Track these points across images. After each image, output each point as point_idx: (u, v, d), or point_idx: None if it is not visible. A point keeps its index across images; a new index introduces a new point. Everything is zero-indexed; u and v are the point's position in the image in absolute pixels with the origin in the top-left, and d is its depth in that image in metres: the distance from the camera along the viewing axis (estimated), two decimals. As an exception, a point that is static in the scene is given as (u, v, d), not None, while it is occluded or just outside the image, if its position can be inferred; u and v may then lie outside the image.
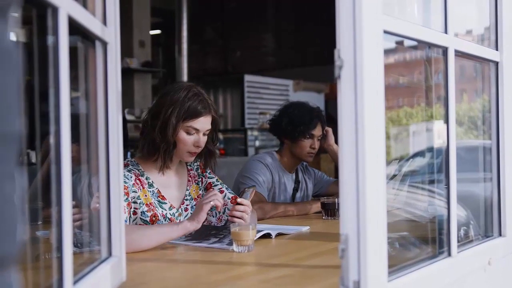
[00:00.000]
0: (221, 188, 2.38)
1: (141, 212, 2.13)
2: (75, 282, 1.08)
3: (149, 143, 2.18)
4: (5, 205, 0.57)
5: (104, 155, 1.36)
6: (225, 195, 2.34)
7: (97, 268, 1.26)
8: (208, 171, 2.42)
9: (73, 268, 1.04)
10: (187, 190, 2.32)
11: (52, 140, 1.01)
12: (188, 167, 2.39)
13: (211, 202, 1.99)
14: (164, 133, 2.14)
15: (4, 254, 0.57)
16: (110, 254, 1.37)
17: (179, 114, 2.14)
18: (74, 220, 1.51)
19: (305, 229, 2.34)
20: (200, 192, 2.36)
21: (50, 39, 1.02)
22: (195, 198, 2.33)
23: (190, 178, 2.36)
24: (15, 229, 0.59)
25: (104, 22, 1.35)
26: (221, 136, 7.86)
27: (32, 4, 0.96)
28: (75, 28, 1.11)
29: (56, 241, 1.01)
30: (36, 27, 1.06)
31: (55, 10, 0.99)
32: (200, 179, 2.39)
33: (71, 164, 1.03)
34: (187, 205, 2.30)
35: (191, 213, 2.27)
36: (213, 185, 2.39)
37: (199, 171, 2.40)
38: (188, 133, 2.18)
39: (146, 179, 2.21)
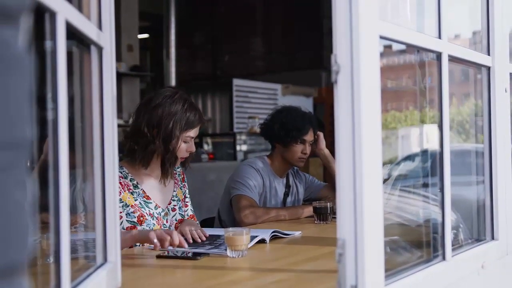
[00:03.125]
0: (188, 202, 2.49)
1: (126, 214, 2.18)
2: (72, 289, 1.07)
3: (150, 154, 2.23)
4: (17, 212, 0.56)
5: (100, 161, 1.35)
6: (187, 210, 2.45)
7: (93, 274, 1.25)
8: (185, 182, 2.52)
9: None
10: (174, 191, 2.41)
11: (49, 145, 1.00)
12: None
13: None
14: (168, 146, 2.22)
15: (17, 261, 0.57)
16: (105, 260, 1.36)
17: (181, 126, 2.22)
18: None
19: (297, 233, 2.35)
20: (183, 196, 2.45)
21: (47, 44, 1.01)
22: (181, 200, 2.43)
23: (176, 181, 2.45)
24: (26, 236, 0.58)
25: (100, 27, 1.34)
26: (209, 140, 7.85)
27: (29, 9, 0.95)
28: (71, 32, 1.10)
29: (54, 247, 1.00)
30: (33, 31, 1.05)
31: (53, 15, 0.99)
32: (183, 184, 2.49)
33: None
34: (174, 205, 2.39)
35: (179, 213, 2.38)
36: (186, 197, 2.50)
37: (180, 177, 2.49)
38: (185, 142, 2.27)
39: (131, 180, 2.26)
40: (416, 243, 1.73)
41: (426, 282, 1.43)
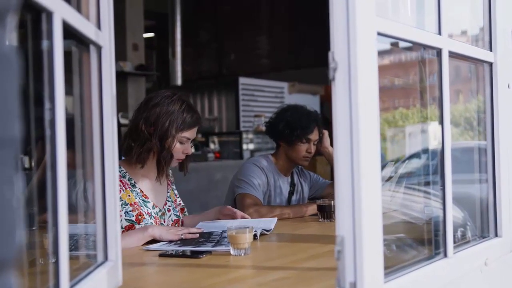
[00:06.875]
0: (178, 198, 2.53)
1: (125, 212, 2.21)
2: (71, 287, 1.07)
3: (146, 151, 2.27)
4: (5, 209, 0.57)
5: (100, 160, 1.35)
6: (170, 215, 2.43)
7: (93, 273, 1.25)
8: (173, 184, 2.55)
9: (69, 273, 1.03)
10: (168, 192, 2.45)
11: (47, 145, 1.01)
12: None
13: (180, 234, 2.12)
14: (164, 144, 2.26)
15: (4, 258, 0.57)
16: (106, 258, 1.36)
17: (177, 126, 2.26)
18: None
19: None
20: (175, 197, 2.50)
21: (44, 43, 1.01)
22: (173, 201, 2.47)
23: (169, 183, 2.49)
24: (14, 233, 0.59)
25: (98, 26, 1.34)
26: (216, 139, 7.85)
27: (26, 9, 0.96)
28: (69, 32, 1.11)
29: (53, 246, 1.00)
30: (30, 31, 1.06)
31: (49, 14, 0.99)
32: (174, 186, 2.53)
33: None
34: (169, 206, 2.43)
35: (173, 214, 2.42)
36: (177, 196, 2.53)
37: (172, 179, 2.53)
38: (181, 142, 2.31)
39: (129, 180, 2.29)
40: (419, 241, 1.72)
41: (427, 279, 1.42)
